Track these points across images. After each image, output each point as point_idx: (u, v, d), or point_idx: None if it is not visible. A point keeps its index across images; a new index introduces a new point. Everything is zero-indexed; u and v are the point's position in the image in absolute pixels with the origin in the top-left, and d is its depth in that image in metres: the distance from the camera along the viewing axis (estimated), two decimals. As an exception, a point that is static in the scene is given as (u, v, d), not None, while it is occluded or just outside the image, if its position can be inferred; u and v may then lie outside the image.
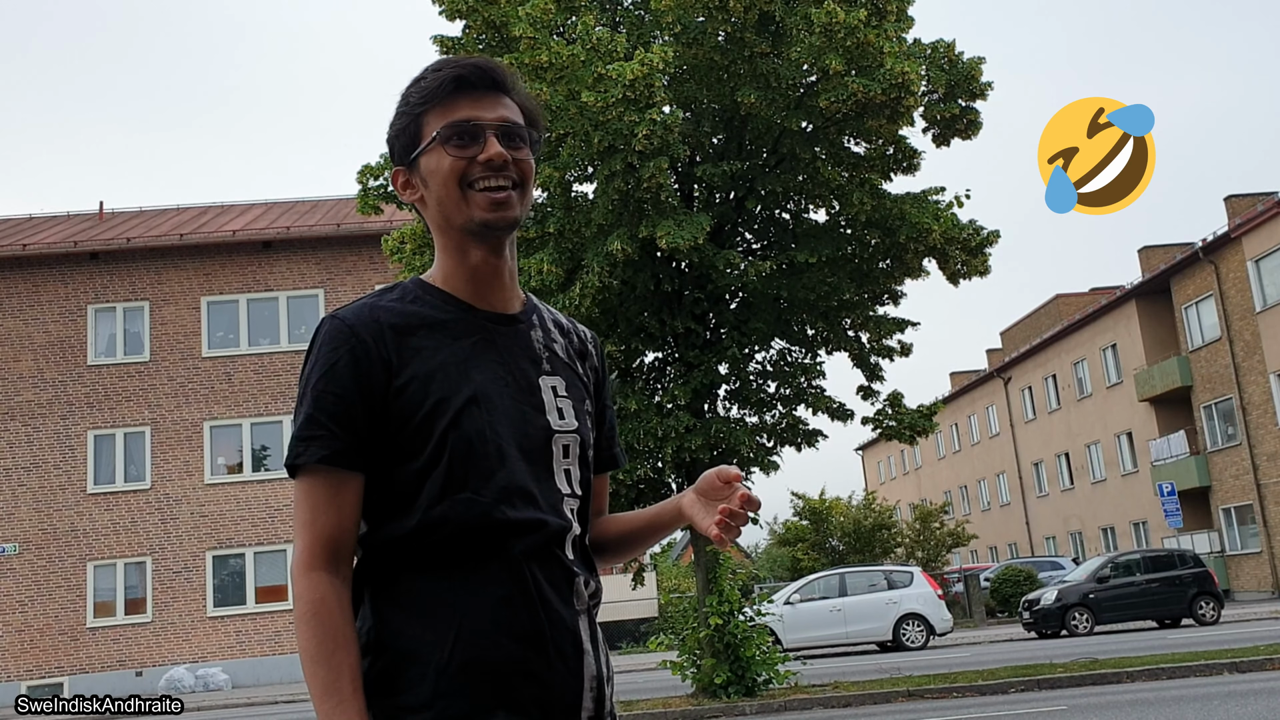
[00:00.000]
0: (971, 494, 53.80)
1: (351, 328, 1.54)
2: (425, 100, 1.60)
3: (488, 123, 1.59)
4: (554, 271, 12.68)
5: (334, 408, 1.51)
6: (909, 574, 22.92)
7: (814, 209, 14.39)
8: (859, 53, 11.99)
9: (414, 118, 1.61)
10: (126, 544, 24.87)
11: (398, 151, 1.65)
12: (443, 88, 1.60)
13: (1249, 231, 31.10)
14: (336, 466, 1.50)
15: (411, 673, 1.47)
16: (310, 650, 1.45)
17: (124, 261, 26.12)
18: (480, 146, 1.58)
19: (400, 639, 1.48)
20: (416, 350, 1.55)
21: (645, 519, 1.76)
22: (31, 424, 25.08)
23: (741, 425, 13.78)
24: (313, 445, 1.50)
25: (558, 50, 11.75)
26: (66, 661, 24.29)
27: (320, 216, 27.87)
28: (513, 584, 1.50)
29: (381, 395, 1.52)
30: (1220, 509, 34.14)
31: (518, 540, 1.52)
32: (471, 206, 1.58)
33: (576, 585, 1.56)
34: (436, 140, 1.59)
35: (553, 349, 1.68)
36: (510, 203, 1.59)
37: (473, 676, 1.46)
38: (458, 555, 1.50)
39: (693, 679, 13.56)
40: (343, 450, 1.50)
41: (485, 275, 1.63)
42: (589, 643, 1.57)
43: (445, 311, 1.60)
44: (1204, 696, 10.86)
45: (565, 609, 1.54)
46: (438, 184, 1.60)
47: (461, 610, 1.48)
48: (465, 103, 1.60)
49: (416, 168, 1.62)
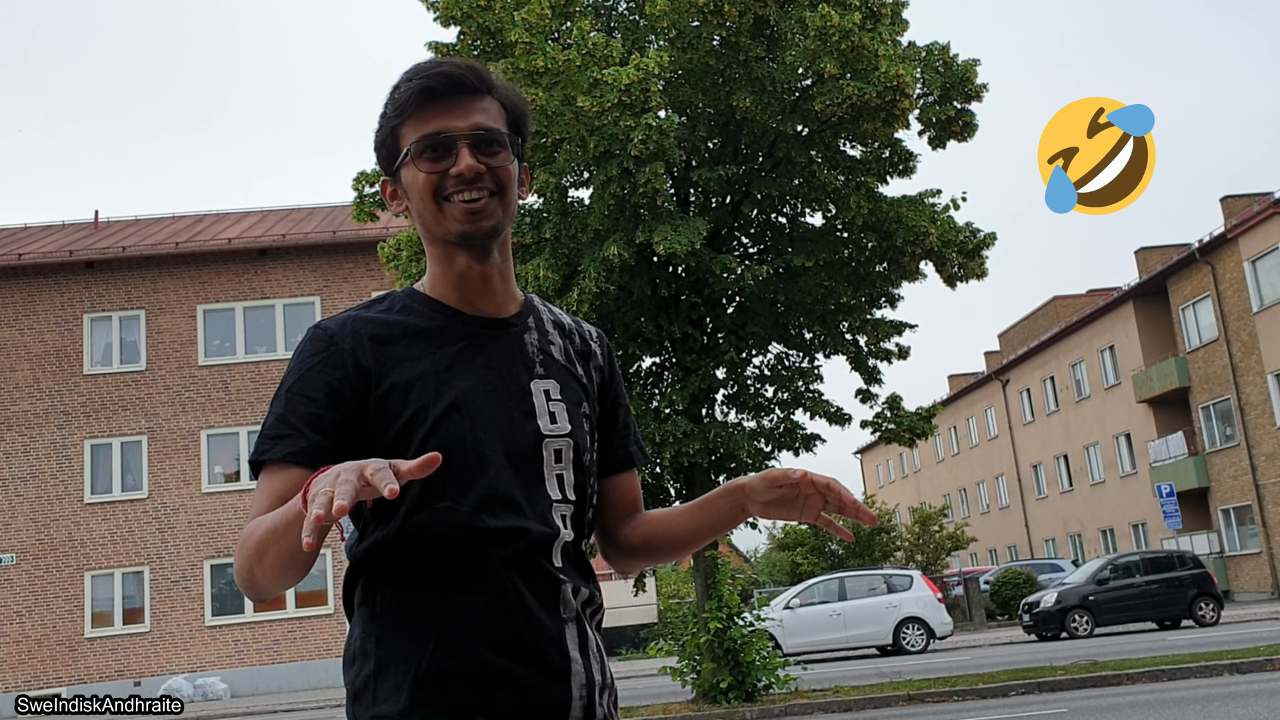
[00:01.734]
0: (970, 497, 53.80)
1: (331, 337, 1.56)
2: (399, 112, 1.59)
3: (459, 133, 1.57)
4: (551, 277, 12.66)
5: (305, 409, 1.51)
6: (908, 578, 22.90)
7: (810, 213, 14.39)
8: (854, 56, 11.99)
9: (391, 130, 1.61)
10: (124, 553, 24.81)
11: (382, 162, 1.66)
12: (411, 99, 1.58)
13: (1245, 232, 31.12)
14: (300, 465, 1.48)
15: (391, 682, 1.47)
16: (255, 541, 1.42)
17: (120, 270, 26.10)
18: (452, 159, 1.56)
19: (381, 648, 1.49)
20: (398, 360, 1.55)
21: (699, 518, 1.70)
22: (28, 434, 25.03)
23: (739, 430, 13.76)
24: (280, 443, 1.50)
25: (553, 55, 11.74)
26: (65, 672, 24.22)
27: (316, 224, 27.85)
28: (492, 593, 1.49)
29: (359, 405, 1.52)
30: (1219, 510, 34.13)
31: (497, 549, 1.50)
32: (448, 219, 1.57)
33: (563, 593, 1.54)
34: (409, 155, 1.58)
35: (548, 351, 1.66)
36: (487, 211, 1.57)
37: (451, 686, 1.46)
38: (437, 564, 1.49)
39: (693, 684, 13.54)
40: (309, 449, 1.49)
41: (473, 281, 1.62)
42: (577, 651, 1.54)
43: (432, 319, 1.60)
44: (1204, 698, 10.84)
45: (549, 617, 1.52)
46: (415, 198, 1.60)
47: (440, 620, 1.47)
48: (437, 113, 1.58)
49: (399, 179, 1.63)
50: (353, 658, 1.52)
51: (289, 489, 1.46)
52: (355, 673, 1.51)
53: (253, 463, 1.52)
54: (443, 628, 1.47)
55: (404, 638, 1.47)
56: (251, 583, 1.47)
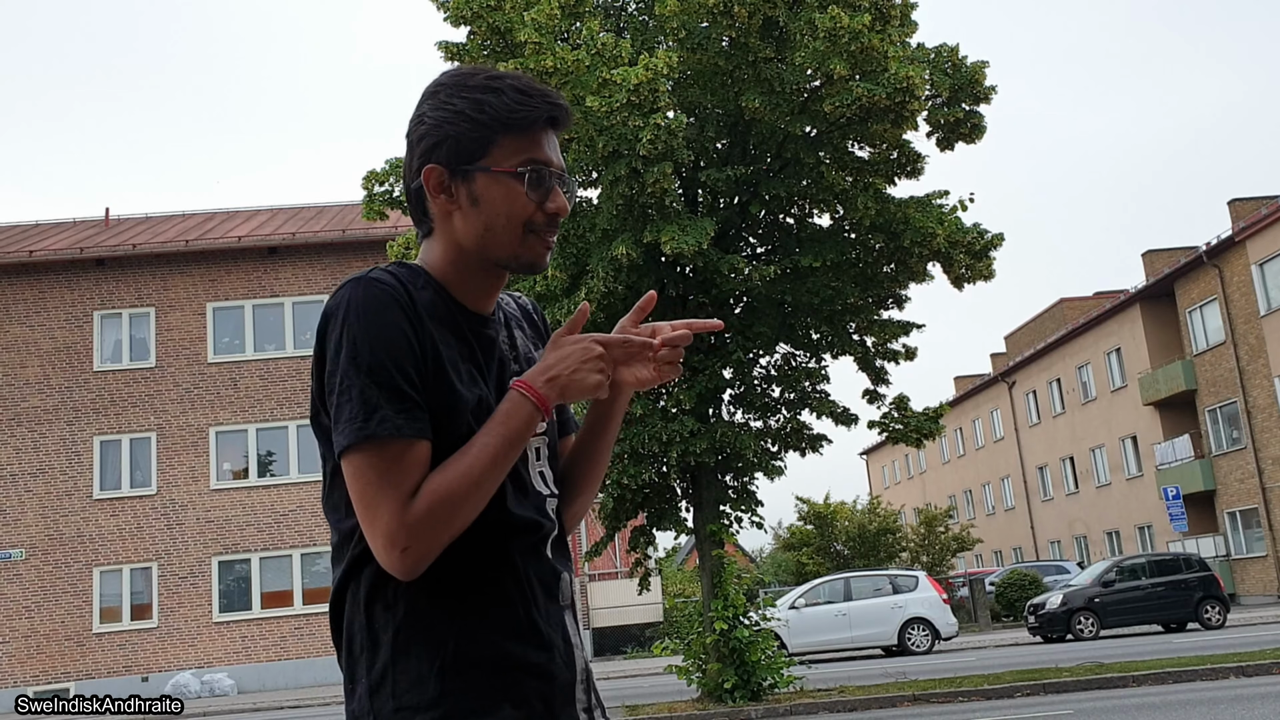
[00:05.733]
0: (976, 498, 53.74)
1: (399, 297, 1.47)
2: (507, 122, 1.52)
3: (563, 172, 1.57)
4: (558, 277, 12.71)
5: (413, 379, 1.44)
6: (914, 578, 22.89)
7: (818, 213, 14.41)
8: (863, 57, 12.02)
9: (486, 129, 1.52)
10: (132, 549, 24.91)
11: (445, 153, 1.54)
12: (535, 119, 1.53)
13: (1253, 235, 31.07)
14: (425, 439, 1.44)
15: (415, 672, 1.46)
16: (465, 485, 1.42)
17: (130, 268, 26.20)
18: (548, 192, 1.55)
19: (403, 638, 1.47)
20: (442, 341, 1.52)
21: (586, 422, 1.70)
22: (38, 430, 25.14)
23: (746, 430, 13.79)
24: (407, 419, 1.42)
25: (562, 56, 11.78)
26: (72, 667, 24.32)
27: (326, 222, 27.94)
28: (511, 582, 1.51)
29: (425, 373, 1.48)
30: (1225, 513, 34.08)
31: (517, 540, 1.53)
32: (525, 250, 1.55)
33: (562, 582, 1.59)
34: (518, 175, 1.53)
35: (516, 345, 1.66)
36: (552, 252, 1.60)
37: (476, 674, 1.47)
38: (459, 554, 1.48)
39: (698, 684, 13.57)
40: (426, 427, 1.45)
41: (486, 292, 1.61)
42: (576, 636, 1.60)
43: (446, 307, 1.56)
44: (1210, 700, 10.85)
45: (554, 605, 1.57)
46: (497, 216, 1.53)
47: (463, 610, 1.48)
48: (545, 141, 1.55)
49: (468, 179, 1.53)
50: (361, 648, 1.50)
51: (425, 466, 1.43)
52: (368, 664, 1.49)
53: (369, 436, 1.40)
54: (465, 617, 1.48)
55: (425, 627, 1.47)
56: (449, 535, 1.43)
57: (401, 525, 1.40)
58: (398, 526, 1.40)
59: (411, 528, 1.40)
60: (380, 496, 1.41)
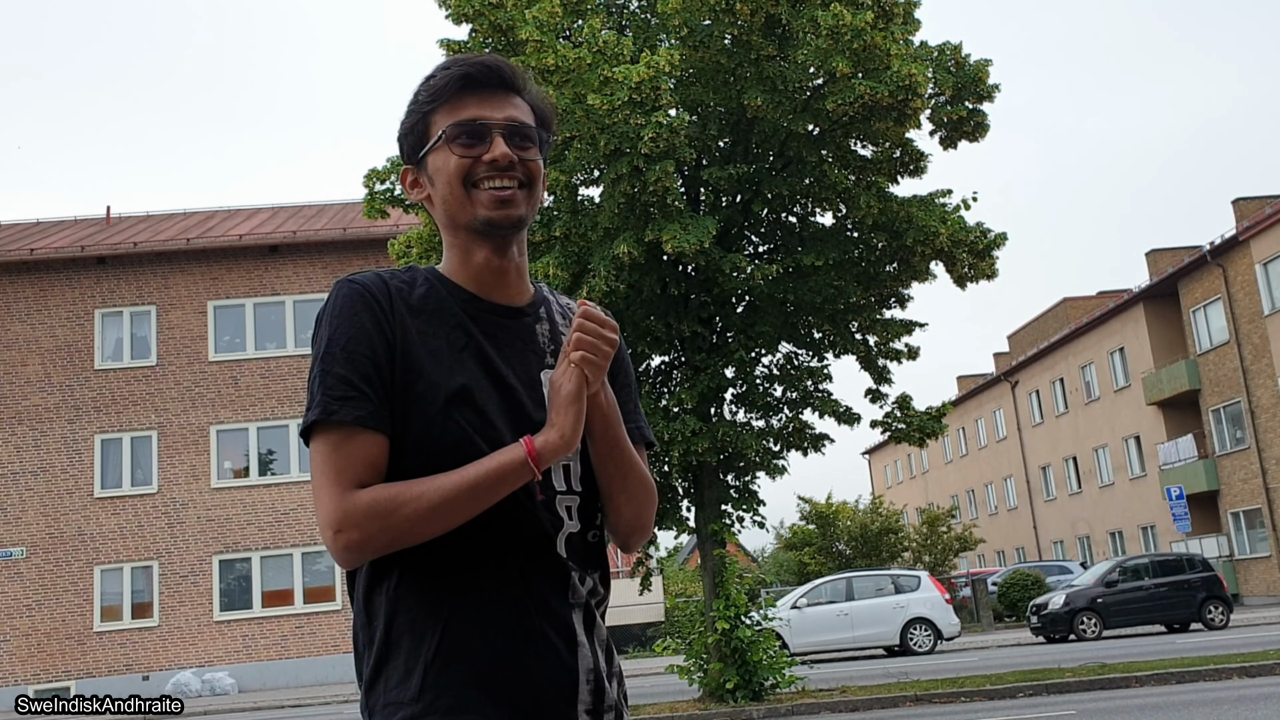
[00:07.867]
0: (979, 498, 53.70)
1: (372, 294, 1.55)
2: (433, 99, 1.61)
3: (494, 122, 1.59)
4: (560, 275, 12.67)
5: (366, 369, 1.50)
6: (916, 578, 22.85)
7: (821, 212, 14.37)
8: (866, 55, 11.97)
9: (422, 116, 1.62)
10: (133, 548, 24.90)
11: (406, 150, 1.66)
12: (449, 86, 1.60)
13: (1257, 234, 31.00)
14: (369, 429, 1.48)
15: (402, 668, 1.48)
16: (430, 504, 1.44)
17: (131, 266, 26.19)
18: (486, 146, 1.58)
19: (393, 633, 1.50)
20: (420, 333, 1.55)
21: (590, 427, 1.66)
22: (39, 428, 25.13)
23: (748, 429, 13.75)
24: (349, 405, 1.48)
25: (564, 53, 11.75)
26: (73, 665, 24.31)
27: (327, 220, 27.92)
28: (501, 580, 1.50)
29: (391, 369, 1.52)
30: (1229, 513, 34.02)
31: (505, 537, 1.51)
32: (475, 205, 1.58)
33: (571, 581, 1.56)
34: (442, 139, 1.59)
35: (560, 341, 1.66)
36: (515, 201, 1.59)
37: (460, 670, 1.47)
38: (446, 551, 1.49)
39: (700, 683, 13.54)
40: (376, 413, 1.49)
41: (490, 274, 1.63)
42: (584, 635, 1.56)
43: (451, 301, 1.60)
44: (1213, 701, 10.80)
45: (558, 603, 1.54)
46: (443, 182, 1.60)
47: (449, 606, 1.48)
48: (473, 102, 1.60)
49: (424, 166, 1.63)
50: (362, 647, 1.54)
51: (369, 454, 1.47)
52: (365, 662, 1.53)
53: (315, 422, 1.48)
54: (451, 614, 1.48)
55: (413, 624, 1.49)
56: (398, 543, 1.46)
57: (338, 508, 1.44)
58: (334, 509, 1.45)
59: (348, 514, 1.44)
60: (322, 478, 1.47)
